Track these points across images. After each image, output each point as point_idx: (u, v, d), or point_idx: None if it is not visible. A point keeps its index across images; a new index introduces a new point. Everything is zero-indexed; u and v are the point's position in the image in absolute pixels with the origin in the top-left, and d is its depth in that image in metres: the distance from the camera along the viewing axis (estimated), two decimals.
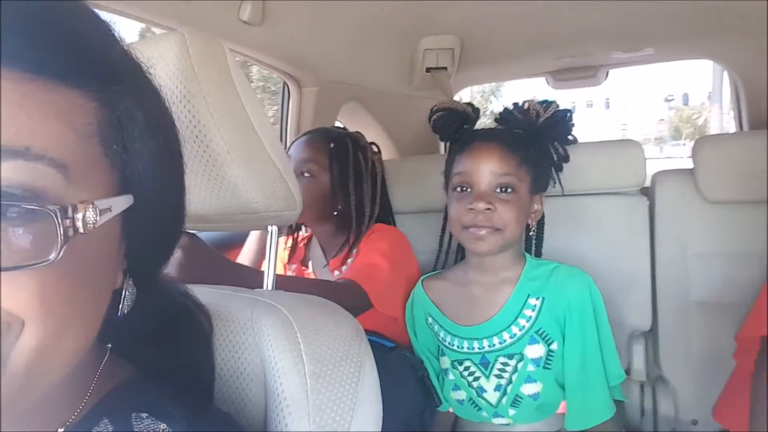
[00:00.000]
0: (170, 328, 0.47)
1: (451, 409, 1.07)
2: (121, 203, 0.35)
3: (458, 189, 0.97)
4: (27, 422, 0.35)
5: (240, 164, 0.57)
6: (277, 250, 1.27)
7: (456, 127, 1.03)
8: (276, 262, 0.71)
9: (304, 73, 1.46)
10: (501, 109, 1.05)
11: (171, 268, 0.75)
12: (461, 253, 1.14)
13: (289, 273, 1.31)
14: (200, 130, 0.55)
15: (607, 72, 1.97)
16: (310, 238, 1.33)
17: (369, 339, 1.05)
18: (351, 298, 1.00)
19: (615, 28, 1.50)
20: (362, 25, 1.33)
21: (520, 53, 1.72)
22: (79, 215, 0.30)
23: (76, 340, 0.33)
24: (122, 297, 0.40)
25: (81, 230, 0.30)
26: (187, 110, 0.55)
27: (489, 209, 0.92)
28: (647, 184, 1.29)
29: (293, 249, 1.32)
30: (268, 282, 0.70)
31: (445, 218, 1.14)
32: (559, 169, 1.07)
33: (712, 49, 1.72)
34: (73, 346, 0.33)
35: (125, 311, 0.40)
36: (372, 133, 1.89)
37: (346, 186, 1.18)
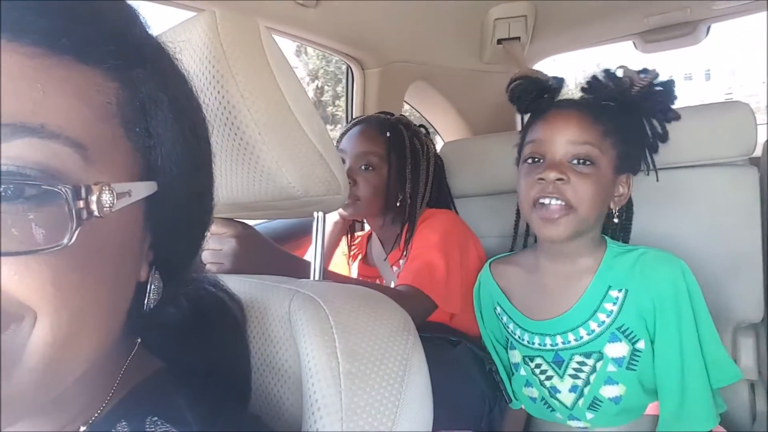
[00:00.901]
0: (200, 321, 0.46)
1: (523, 407, 0.99)
2: (142, 189, 0.34)
3: (529, 160, 0.86)
4: (50, 418, 0.35)
5: (274, 147, 0.54)
6: (337, 244, 1.28)
7: (534, 96, 0.90)
8: (322, 251, 0.67)
9: (365, 54, 1.41)
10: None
11: (225, 258, 0.76)
12: (535, 236, 1.02)
13: (353, 270, 1.29)
14: (230, 112, 0.53)
15: (708, 27, 1.73)
16: (370, 234, 1.31)
17: (430, 336, 1.02)
18: (415, 306, 0.96)
19: None
20: None
21: (602, 15, 1.55)
22: (94, 197, 0.29)
23: (95, 333, 0.32)
24: (147, 291, 0.38)
25: (96, 213, 0.29)
26: (216, 91, 0.53)
27: (561, 179, 0.80)
28: (758, 153, 1.11)
29: (352, 245, 1.32)
30: (315, 272, 0.66)
31: None
32: (654, 149, 0.90)
33: None
34: (92, 340, 0.31)
35: (151, 306, 0.39)
36: (442, 113, 1.82)
37: (404, 175, 1.15)
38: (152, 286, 0.39)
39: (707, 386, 0.79)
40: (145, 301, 0.38)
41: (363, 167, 1.13)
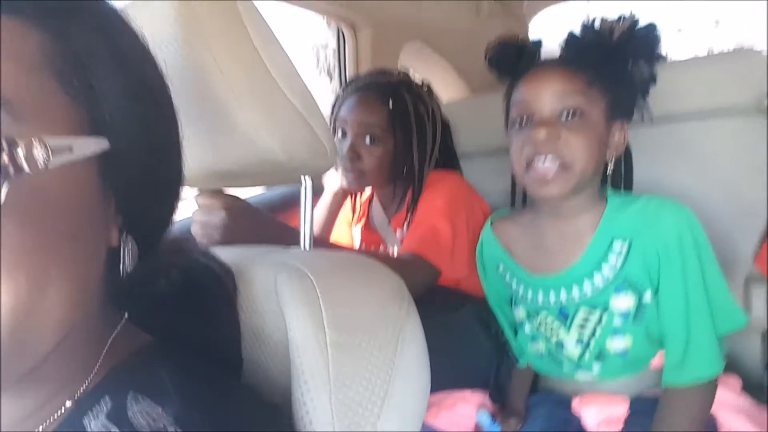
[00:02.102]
0: (191, 293, 0.44)
1: (530, 365, 0.98)
2: (88, 145, 0.32)
3: (518, 124, 0.82)
4: (31, 393, 0.34)
5: (251, 110, 0.51)
6: (337, 215, 1.26)
7: (514, 60, 0.86)
8: (311, 219, 0.64)
9: (356, 14, 1.35)
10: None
11: (215, 230, 0.74)
12: None
13: (354, 235, 1.27)
14: (202, 76, 0.49)
15: None
16: (371, 197, 1.28)
17: (433, 299, 1.00)
18: (419, 274, 0.94)
19: None
20: None
21: None
22: (20, 151, 0.27)
23: (64, 299, 0.30)
24: (122, 256, 0.37)
25: (27, 170, 0.27)
26: (186, 54, 0.49)
27: (551, 137, 0.77)
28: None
29: (356, 209, 1.29)
30: (305, 241, 0.64)
31: None
32: (645, 94, 0.86)
33: None
34: (62, 306, 0.30)
35: (128, 271, 0.38)
36: (440, 73, 1.77)
37: (410, 143, 1.09)
38: (125, 251, 0.37)
39: (712, 333, 0.77)
40: (121, 267, 0.37)
41: (367, 140, 1.08)
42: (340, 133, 1.10)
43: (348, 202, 1.31)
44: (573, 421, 0.89)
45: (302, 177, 0.63)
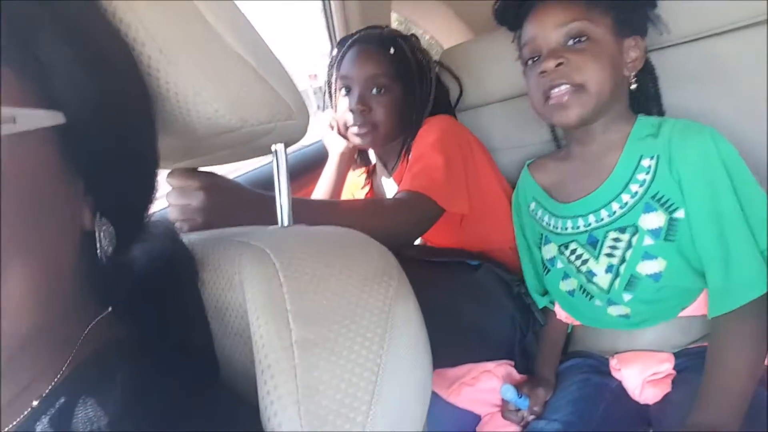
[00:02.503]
0: (157, 282, 0.42)
1: (560, 320, 0.90)
2: (37, 118, 0.30)
3: (530, 61, 0.83)
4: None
5: (185, 67, 0.42)
6: (344, 179, 1.19)
7: (518, 5, 0.86)
8: (288, 190, 0.56)
9: None
10: None
11: (195, 213, 0.67)
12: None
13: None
14: (119, 29, 0.40)
15: None
16: (373, 167, 1.23)
17: (446, 261, 0.93)
18: (416, 212, 0.87)
19: None
20: None
21: None
22: None
23: (26, 282, 0.29)
24: (98, 238, 0.35)
25: None
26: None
27: (561, 64, 0.77)
28: None
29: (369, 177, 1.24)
30: (283, 216, 0.56)
31: None
32: (653, 5, 0.85)
33: None
34: (25, 291, 0.29)
35: (107, 254, 0.36)
36: (438, 19, 1.64)
37: (414, 90, 1.06)
38: (101, 234, 0.35)
39: (754, 249, 0.70)
40: (98, 251, 0.35)
41: (375, 91, 1.04)
42: (344, 91, 1.08)
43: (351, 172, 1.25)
44: (611, 385, 0.82)
45: (273, 146, 0.55)
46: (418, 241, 1.09)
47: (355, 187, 1.26)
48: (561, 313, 0.91)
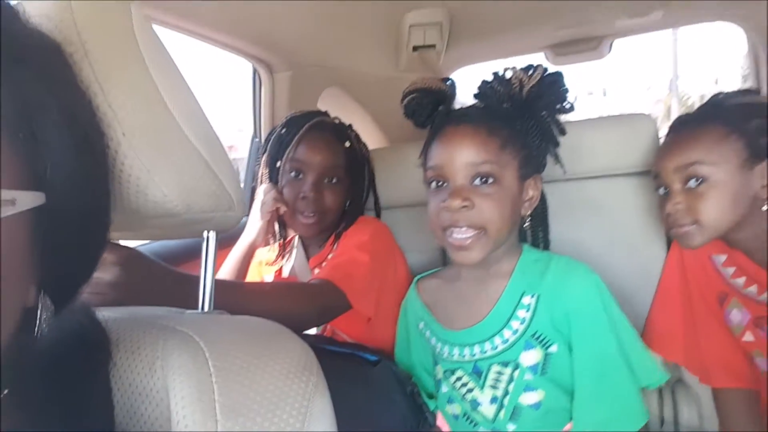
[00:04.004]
0: (64, 361, 0.39)
1: (447, 428, 0.94)
2: (28, 199, 0.31)
3: (433, 184, 0.85)
4: None
5: (143, 151, 0.44)
6: (248, 265, 1.18)
7: (431, 110, 0.88)
8: (213, 277, 0.57)
9: (274, 56, 1.31)
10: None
11: (107, 288, 0.64)
12: None
13: (266, 278, 1.20)
14: None
15: (611, 44, 1.82)
16: (291, 240, 1.23)
17: (348, 352, 0.95)
18: (325, 300, 0.90)
19: None
20: None
21: (516, 25, 1.56)
22: None
23: None
24: (38, 316, 0.35)
25: None
26: None
27: (465, 206, 0.79)
28: None
29: (282, 254, 1.22)
30: (204, 301, 0.56)
31: None
32: (556, 144, 0.89)
33: (730, 8, 1.55)
34: None
35: (43, 332, 0.36)
36: (357, 121, 1.75)
37: (357, 182, 1.12)
38: (42, 312, 0.35)
39: (634, 386, 0.79)
40: (36, 330, 0.35)
41: (327, 180, 1.07)
42: (294, 174, 1.08)
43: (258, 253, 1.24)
44: None
45: (205, 232, 0.56)
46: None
47: (264, 264, 1.24)
48: (444, 426, 0.94)
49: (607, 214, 1.12)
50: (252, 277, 1.21)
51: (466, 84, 0.96)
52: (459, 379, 0.87)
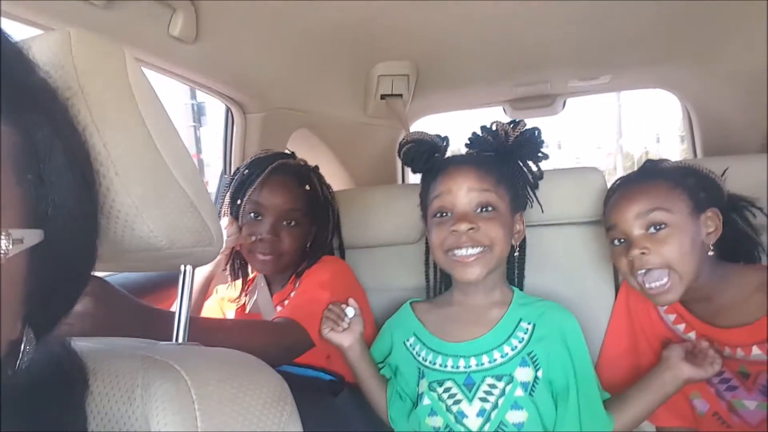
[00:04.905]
0: (39, 390, 0.39)
1: None
2: (33, 237, 0.32)
3: (438, 215, 0.96)
4: None
5: (133, 189, 0.46)
6: (206, 296, 1.18)
7: (427, 157, 1.01)
8: (188, 309, 0.59)
9: (247, 98, 1.36)
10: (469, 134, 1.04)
11: (75, 318, 0.64)
12: (445, 283, 1.12)
13: (228, 314, 1.20)
14: None
15: (564, 102, 1.96)
16: (253, 279, 1.23)
17: (309, 378, 0.96)
18: (289, 338, 0.92)
19: (572, 55, 1.47)
20: (311, 47, 1.24)
21: (477, 80, 1.67)
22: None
23: None
24: (21, 350, 0.36)
25: None
26: None
27: (472, 229, 0.90)
28: None
29: (245, 290, 1.22)
30: (179, 333, 0.58)
31: (428, 251, 1.12)
32: (535, 186, 1.05)
33: (666, 77, 1.72)
34: None
35: (24, 366, 0.36)
36: (325, 163, 1.80)
37: (320, 224, 1.15)
38: (25, 345, 0.36)
39: (601, 407, 0.89)
40: (18, 363, 0.35)
41: (286, 223, 1.08)
42: (253, 215, 1.09)
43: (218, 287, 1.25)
44: None
45: (182, 265, 0.59)
46: None
47: (226, 300, 1.24)
48: None
49: (560, 260, 1.19)
50: (214, 313, 1.21)
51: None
52: (447, 390, 0.92)
